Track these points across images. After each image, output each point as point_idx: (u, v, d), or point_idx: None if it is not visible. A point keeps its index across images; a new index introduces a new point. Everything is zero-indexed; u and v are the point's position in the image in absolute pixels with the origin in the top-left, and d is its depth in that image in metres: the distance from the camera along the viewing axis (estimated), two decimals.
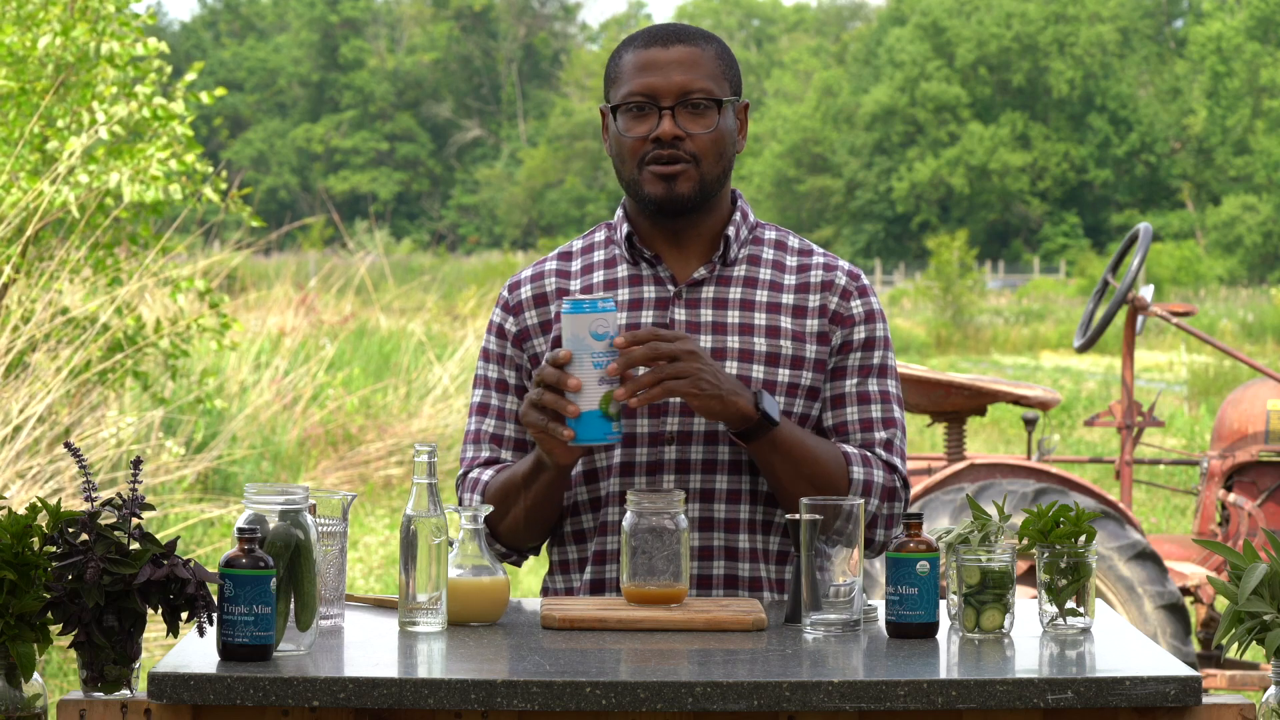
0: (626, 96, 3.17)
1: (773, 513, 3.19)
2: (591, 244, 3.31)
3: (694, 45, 3.18)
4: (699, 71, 3.16)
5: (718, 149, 3.18)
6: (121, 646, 2.60)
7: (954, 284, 32.59)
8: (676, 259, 3.24)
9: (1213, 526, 6.71)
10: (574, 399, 2.92)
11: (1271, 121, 53.41)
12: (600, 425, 2.93)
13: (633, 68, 3.18)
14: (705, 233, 3.24)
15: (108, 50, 8.26)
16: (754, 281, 3.23)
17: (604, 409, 2.93)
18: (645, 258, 3.23)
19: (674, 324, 3.19)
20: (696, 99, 3.16)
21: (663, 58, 3.17)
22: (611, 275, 3.25)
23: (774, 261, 3.26)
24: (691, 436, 3.16)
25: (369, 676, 2.52)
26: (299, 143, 69.05)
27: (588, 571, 3.21)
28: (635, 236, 3.24)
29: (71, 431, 8.19)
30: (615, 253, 3.27)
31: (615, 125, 3.19)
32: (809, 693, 2.50)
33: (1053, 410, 15.06)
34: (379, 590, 9.07)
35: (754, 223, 3.29)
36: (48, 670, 6.69)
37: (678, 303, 3.21)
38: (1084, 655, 2.72)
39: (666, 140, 3.15)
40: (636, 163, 3.17)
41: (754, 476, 3.17)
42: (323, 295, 16.14)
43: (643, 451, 3.16)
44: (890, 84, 59.21)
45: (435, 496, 2.83)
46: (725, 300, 3.21)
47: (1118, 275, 7.04)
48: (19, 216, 7.86)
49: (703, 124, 3.16)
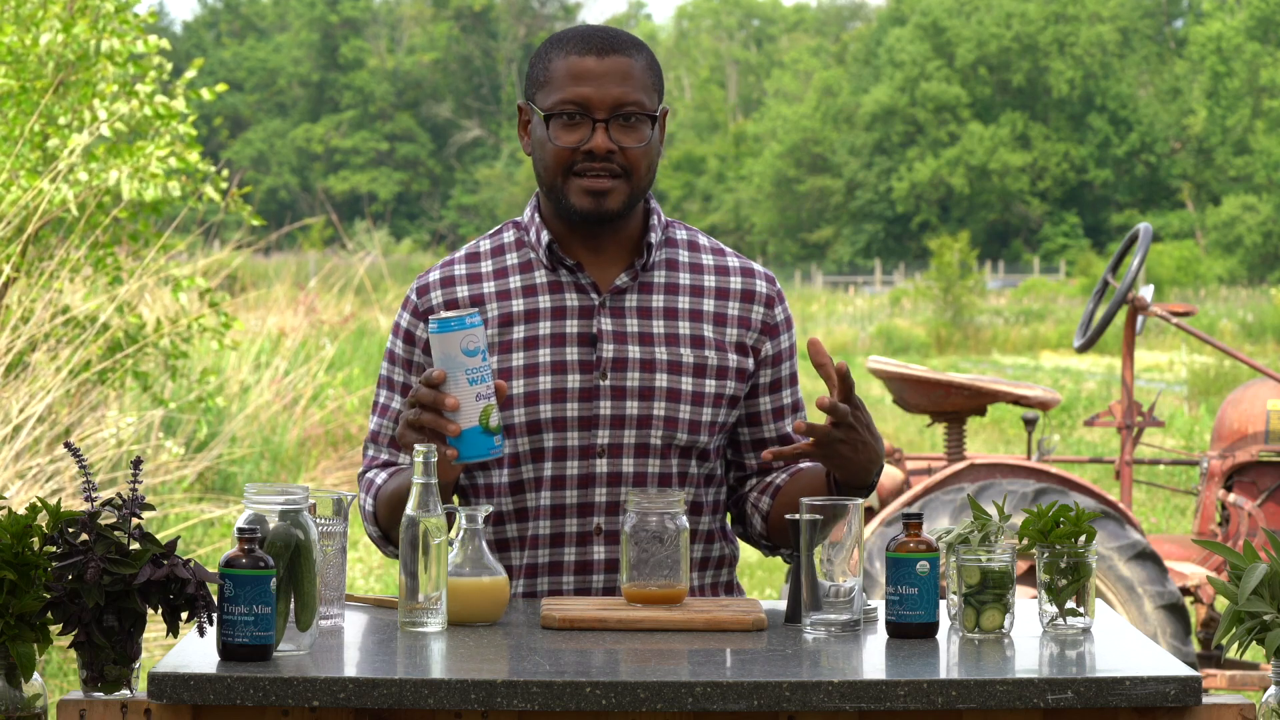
0: (559, 105, 3.12)
1: (697, 521, 3.20)
2: (501, 245, 3.26)
3: (628, 56, 3.14)
4: (632, 84, 3.12)
5: (648, 160, 3.15)
6: (121, 646, 2.60)
7: (954, 284, 32.58)
8: (596, 266, 3.21)
9: (1213, 526, 6.70)
10: (453, 417, 2.88)
11: (1271, 121, 53.41)
12: (482, 441, 2.89)
13: (565, 74, 3.13)
14: (624, 240, 3.21)
15: (108, 48, 8.26)
16: (675, 288, 3.21)
17: (484, 424, 2.89)
18: (566, 265, 3.19)
19: (601, 334, 3.16)
20: (630, 112, 3.12)
21: (597, 68, 3.12)
22: (529, 281, 3.20)
23: (690, 264, 3.24)
24: (622, 450, 3.15)
25: (369, 677, 2.52)
26: (299, 143, 69.05)
27: (520, 584, 3.18)
28: (555, 244, 3.20)
29: (71, 431, 8.19)
30: (530, 256, 3.22)
31: (543, 130, 3.14)
32: (809, 693, 2.50)
33: (1053, 410, 15.06)
34: (379, 590, 9.07)
35: (665, 222, 3.27)
36: (48, 670, 6.69)
37: (602, 312, 3.18)
38: (1084, 655, 2.72)
39: (600, 154, 3.11)
40: (562, 171, 3.13)
41: (681, 488, 3.17)
42: (323, 295, 16.14)
43: (573, 465, 3.14)
44: (890, 84, 59.22)
45: (435, 496, 2.83)
46: (649, 309, 3.19)
47: (1118, 275, 7.04)
48: (19, 215, 7.86)
49: (635, 137, 3.13)
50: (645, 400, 3.14)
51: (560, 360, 3.15)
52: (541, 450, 3.14)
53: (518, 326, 3.18)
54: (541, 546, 3.16)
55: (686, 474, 3.18)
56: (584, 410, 3.14)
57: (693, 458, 3.18)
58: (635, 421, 3.14)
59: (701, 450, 3.18)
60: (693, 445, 3.16)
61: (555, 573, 3.16)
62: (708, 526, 3.22)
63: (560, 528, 3.15)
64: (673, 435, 3.15)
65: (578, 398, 3.14)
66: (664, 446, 3.15)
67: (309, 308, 14.79)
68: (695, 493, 3.19)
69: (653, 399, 3.14)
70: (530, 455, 3.15)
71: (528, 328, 3.17)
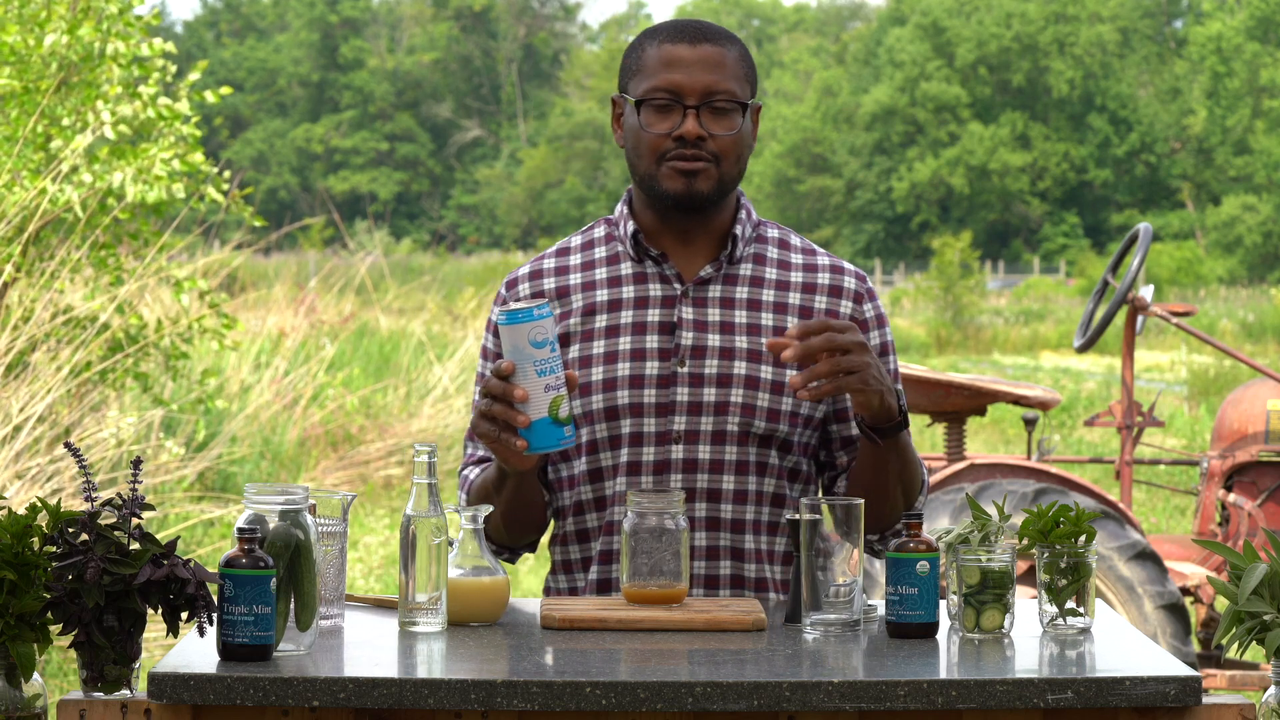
0: (650, 91, 3.15)
1: (779, 513, 3.20)
2: (592, 240, 3.30)
3: (720, 45, 3.17)
4: (724, 73, 3.15)
5: (737, 150, 3.17)
6: (121, 646, 2.60)
7: (954, 284, 32.58)
8: (682, 257, 3.24)
9: (1213, 526, 6.70)
10: (522, 409, 2.89)
11: (1271, 121, 53.40)
12: (552, 432, 2.90)
13: (658, 62, 3.16)
14: (713, 231, 3.24)
15: (112, 50, 8.26)
16: (760, 281, 3.23)
17: (553, 415, 2.89)
18: (651, 255, 3.23)
19: (682, 322, 3.19)
20: (721, 101, 3.15)
21: (689, 56, 3.15)
22: (615, 272, 3.24)
23: (778, 261, 3.26)
24: (698, 436, 3.16)
25: (369, 676, 2.52)
26: (299, 143, 69.04)
27: (593, 571, 3.21)
28: (641, 234, 3.24)
29: (71, 431, 8.19)
30: (618, 249, 3.26)
31: (635, 118, 3.17)
32: (809, 693, 2.50)
33: (1053, 410, 15.06)
34: (379, 590, 9.07)
35: (757, 221, 3.29)
36: (48, 670, 6.69)
37: (685, 301, 3.21)
38: (1084, 655, 2.72)
39: (690, 140, 3.14)
40: (655, 158, 3.16)
41: (760, 477, 3.18)
42: (323, 295, 16.14)
43: (649, 451, 3.16)
44: (890, 84, 59.21)
45: (435, 496, 2.83)
46: (732, 300, 3.21)
47: (1118, 275, 7.04)
48: (20, 215, 7.86)
49: (725, 125, 3.15)
50: (723, 387, 3.16)
51: (640, 348, 3.18)
52: (619, 437, 3.17)
53: (601, 315, 3.21)
54: (618, 533, 3.17)
55: (766, 464, 3.17)
56: (661, 397, 3.17)
57: (773, 448, 3.17)
58: (712, 408, 3.16)
59: (783, 441, 3.18)
60: (772, 434, 3.16)
61: None
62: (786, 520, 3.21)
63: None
64: (750, 422, 3.15)
65: (655, 384, 3.17)
66: (741, 434, 3.16)
67: (309, 308, 14.79)
68: (777, 484, 3.19)
69: (730, 386, 3.16)
70: (608, 442, 3.18)
71: (610, 316, 3.21)
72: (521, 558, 3.37)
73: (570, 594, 3.25)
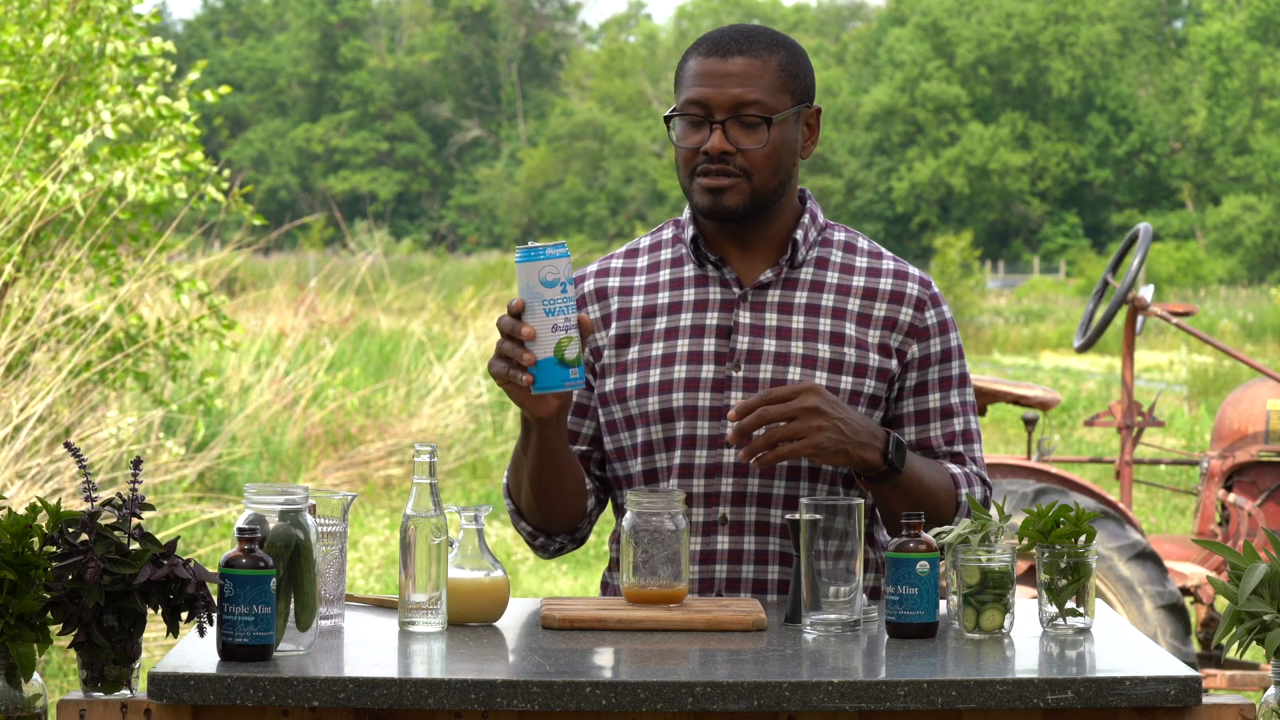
0: (683, 106, 3.16)
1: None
2: (659, 241, 3.31)
3: (755, 57, 3.14)
4: (755, 85, 3.13)
5: (772, 163, 3.15)
6: (121, 646, 2.60)
7: (955, 284, 32.58)
8: (742, 262, 3.24)
9: (1213, 526, 6.71)
10: (530, 346, 2.90)
11: (1271, 121, 53.40)
12: (557, 372, 2.90)
13: (692, 76, 3.16)
14: (772, 236, 3.23)
15: (112, 50, 8.26)
16: (820, 286, 3.22)
17: (559, 356, 2.89)
18: (711, 260, 3.23)
19: (738, 326, 3.19)
20: (750, 114, 3.13)
21: (720, 69, 3.14)
22: (678, 275, 3.25)
23: (842, 265, 3.24)
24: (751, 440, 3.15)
25: (369, 676, 2.52)
26: (299, 143, 69.03)
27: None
28: (701, 240, 3.24)
29: (71, 431, 8.19)
30: (683, 251, 3.27)
31: (672, 132, 3.19)
32: (809, 693, 2.50)
33: (1053, 410, 15.06)
34: (379, 590, 9.07)
35: (823, 224, 3.27)
36: (48, 670, 6.69)
37: (743, 305, 3.21)
38: (1084, 655, 2.72)
39: (715, 155, 3.13)
40: (689, 173, 3.18)
41: (813, 483, 3.17)
42: (323, 295, 16.14)
43: (702, 454, 3.17)
44: (890, 84, 59.21)
45: (435, 496, 2.83)
46: (790, 305, 3.21)
47: (1118, 275, 7.04)
48: (20, 215, 7.86)
49: (754, 139, 3.14)
50: None
51: (696, 351, 3.19)
52: (673, 439, 3.18)
53: (661, 318, 3.22)
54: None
55: (819, 470, 3.17)
56: (715, 400, 3.17)
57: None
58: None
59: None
60: None
61: None
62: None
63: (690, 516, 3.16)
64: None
65: (710, 388, 3.17)
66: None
67: (309, 308, 14.79)
68: (829, 490, 3.18)
69: None
70: (663, 444, 3.18)
71: (670, 319, 3.22)
72: (518, 558, 3.36)
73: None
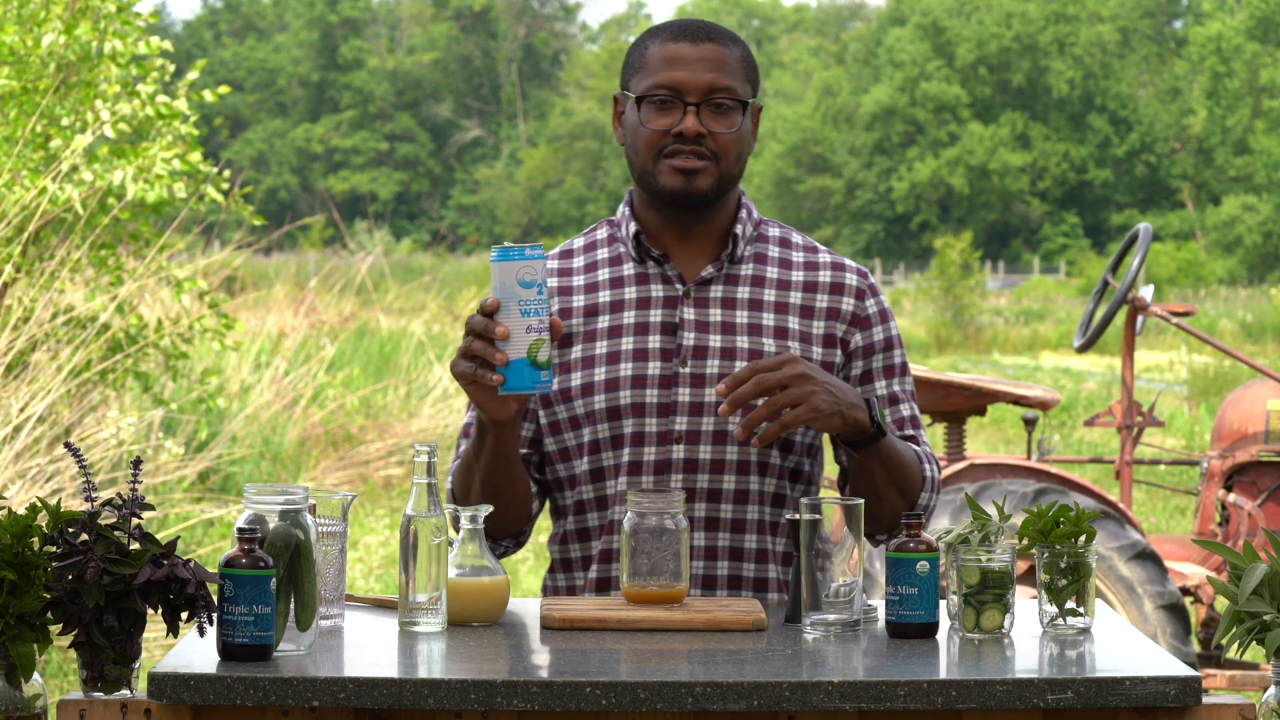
0: (652, 88, 3.17)
1: (779, 514, 3.20)
2: (594, 241, 3.31)
3: (722, 44, 3.19)
4: (726, 71, 3.17)
5: (737, 149, 3.19)
6: (121, 646, 2.60)
7: (955, 284, 32.58)
8: (684, 257, 3.24)
9: (1213, 526, 6.70)
10: (502, 347, 2.89)
11: (1271, 121, 53.40)
12: (528, 373, 2.89)
13: (660, 60, 3.18)
14: (713, 231, 3.25)
15: (110, 49, 8.26)
16: (761, 280, 3.24)
17: (532, 357, 2.89)
18: (653, 256, 3.24)
19: (683, 323, 3.20)
20: (722, 99, 3.16)
21: (691, 53, 3.17)
22: (618, 273, 3.25)
23: (780, 259, 3.27)
24: (700, 436, 3.17)
25: (369, 676, 2.52)
26: (299, 143, 69.04)
27: (593, 570, 3.21)
28: (643, 235, 3.24)
29: (71, 431, 8.19)
30: (620, 250, 3.27)
31: (635, 115, 3.19)
32: (809, 693, 2.50)
33: (1053, 410, 15.06)
34: (379, 590, 9.07)
35: (758, 219, 3.30)
36: (48, 670, 6.69)
37: (686, 302, 3.21)
38: (1084, 655, 2.72)
39: (689, 136, 3.15)
40: (654, 155, 3.17)
41: (761, 477, 3.18)
42: (323, 295, 16.14)
43: (651, 451, 3.17)
44: (890, 84, 59.21)
45: (435, 496, 2.83)
46: (734, 300, 3.22)
47: (1118, 275, 7.04)
48: (19, 215, 7.86)
49: (726, 123, 3.17)
50: None
51: (641, 348, 3.19)
52: (621, 437, 3.18)
53: (603, 316, 3.22)
54: (618, 532, 3.17)
55: (767, 464, 3.18)
56: (663, 397, 3.17)
57: (774, 447, 3.18)
58: (713, 409, 3.16)
59: (784, 441, 3.18)
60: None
61: None
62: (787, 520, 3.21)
63: None
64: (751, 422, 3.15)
65: (657, 384, 3.18)
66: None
67: (309, 308, 14.79)
68: (778, 484, 3.19)
69: None
70: (610, 442, 3.18)
71: (612, 317, 3.22)
72: (518, 558, 3.37)
73: (569, 592, 3.26)
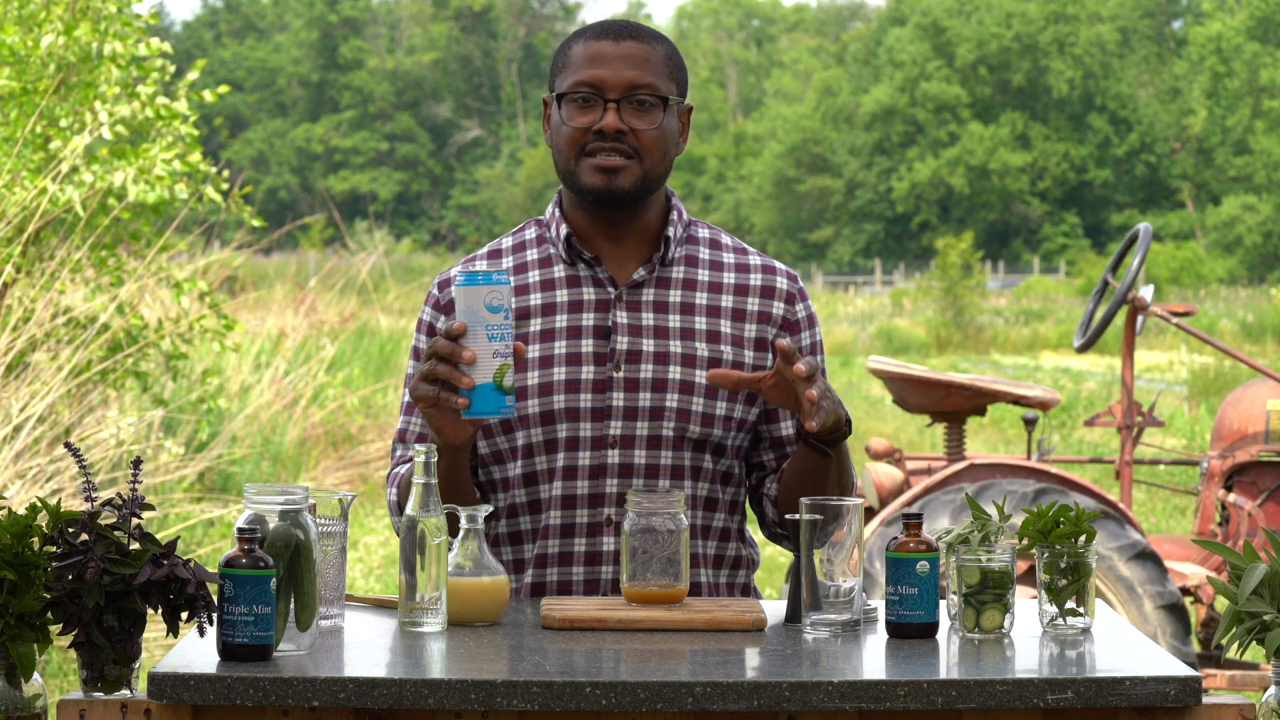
0: (573, 86, 3.16)
1: (711, 517, 3.20)
2: (523, 242, 3.29)
3: (644, 43, 3.18)
4: (647, 68, 3.16)
5: (661, 147, 3.17)
6: (121, 646, 2.60)
7: (955, 284, 32.58)
8: (614, 259, 3.23)
9: (1213, 526, 6.70)
10: (468, 371, 2.88)
11: (1271, 121, 53.39)
12: (494, 398, 2.88)
13: (581, 58, 3.17)
14: (643, 233, 3.24)
15: (110, 50, 8.26)
16: (693, 284, 3.23)
17: (498, 382, 2.88)
18: (584, 259, 3.22)
19: (616, 326, 3.18)
20: (642, 95, 3.15)
21: (612, 51, 3.16)
22: (548, 275, 3.23)
23: (710, 261, 3.26)
24: (634, 441, 3.16)
25: (369, 676, 2.52)
26: (299, 143, 69.03)
27: (528, 575, 3.19)
28: (574, 237, 3.23)
29: (71, 431, 8.19)
30: (550, 251, 3.25)
31: (558, 114, 3.18)
32: (809, 693, 2.50)
33: (1053, 410, 15.06)
34: (379, 590, 9.07)
35: (688, 221, 3.29)
36: (48, 670, 6.69)
37: (618, 305, 3.20)
38: (1084, 655, 2.72)
39: (609, 133, 3.14)
40: (576, 153, 3.16)
41: (695, 481, 3.18)
42: (323, 295, 16.14)
43: (585, 455, 3.16)
44: (890, 84, 59.21)
45: (435, 496, 2.83)
46: (665, 304, 3.21)
47: (1118, 275, 7.04)
48: (19, 216, 7.86)
49: (647, 120, 3.16)
50: (658, 392, 3.16)
51: (575, 352, 3.18)
52: (555, 441, 3.16)
53: (535, 320, 3.20)
54: (552, 537, 3.17)
55: (700, 468, 3.18)
56: (597, 401, 3.16)
57: (707, 452, 3.18)
58: (648, 414, 3.16)
59: (716, 445, 3.18)
60: (706, 439, 3.17)
61: (565, 563, 3.17)
62: (723, 524, 3.22)
63: (571, 518, 3.16)
64: (685, 428, 3.16)
65: (591, 389, 3.16)
66: (676, 439, 3.16)
67: (309, 308, 14.79)
68: (710, 489, 3.20)
69: (665, 391, 3.16)
70: (544, 446, 3.17)
71: (544, 321, 3.20)
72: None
73: None
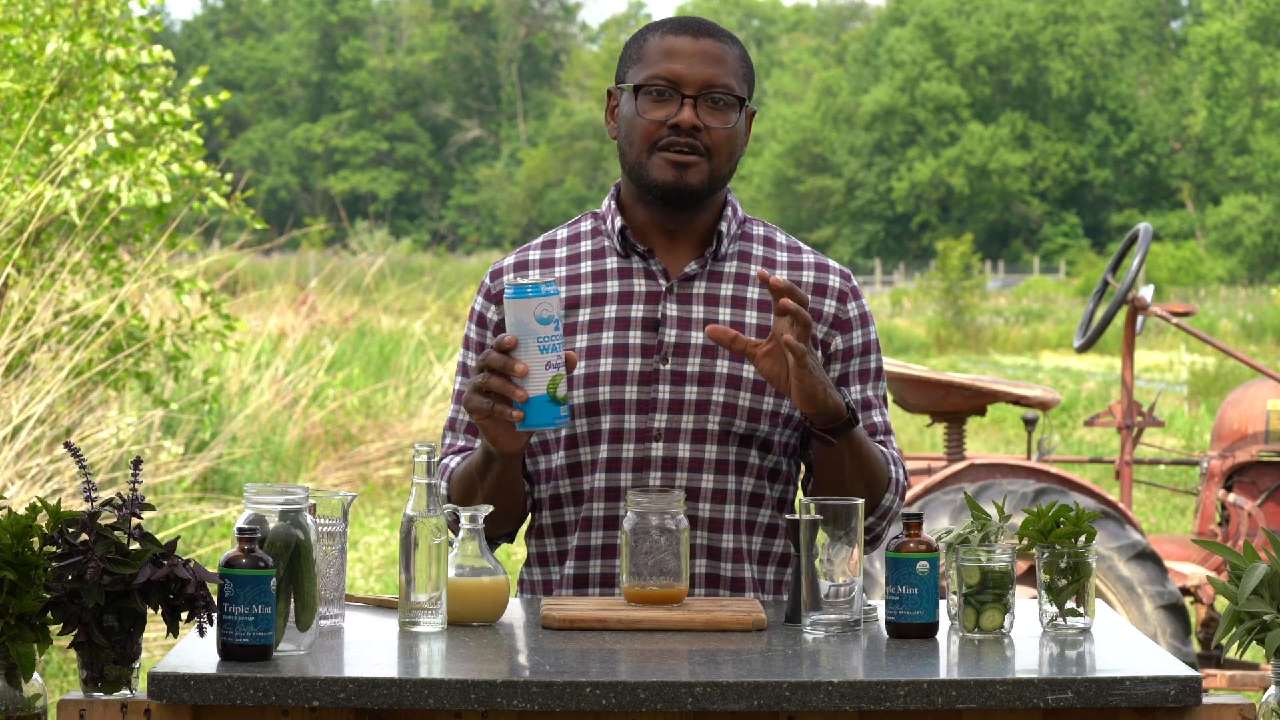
0: (650, 79, 3.16)
1: (756, 512, 3.19)
2: (578, 233, 3.29)
3: (721, 42, 3.18)
4: (724, 68, 3.16)
5: (730, 146, 3.17)
6: (121, 646, 2.60)
7: (955, 285, 32.58)
8: (668, 253, 3.23)
9: (1213, 526, 6.71)
10: (520, 384, 2.88)
11: (1271, 121, 53.39)
12: (548, 410, 2.88)
13: (659, 52, 3.17)
14: (699, 228, 3.23)
15: (113, 57, 8.26)
16: (745, 279, 3.23)
17: (551, 393, 2.88)
18: (638, 251, 3.22)
19: (665, 319, 3.18)
20: (718, 94, 3.15)
21: (690, 48, 3.16)
22: (600, 266, 3.23)
23: (764, 258, 3.25)
24: (679, 434, 3.15)
25: (369, 676, 2.52)
26: (299, 143, 69.04)
27: (569, 566, 3.20)
28: (629, 229, 3.23)
29: (71, 431, 8.19)
30: (604, 244, 3.25)
31: (631, 105, 3.17)
32: (809, 693, 2.50)
33: (1053, 410, 15.06)
34: (379, 590, 9.07)
35: (743, 218, 3.29)
36: (48, 670, 6.69)
37: (669, 297, 3.20)
38: (1084, 655, 2.72)
39: (685, 128, 3.14)
40: (648, 146, 3.16)
41: (740, 476, 3.17)
42: (323, 295, 16.14)
43: (629, 448, 3.16)
44: (890, 84, 59.21)
45: (435, 496, 2.83)
46: (716, 297, 3.21)
47: (1118, 275, 7.04)
48: (20, 217, 7.86)
49: (721, 119, 3.16)
50: (704, 386, 3.15)
51: (622, 344, 3.18)
52: (599, 432, 3.16)
53: (584, 309, 3.20)
54: (595, 529, 3.17)
55: (746, 463, 3.17)
56: (643, 394, 3.16)
57: (753, 447, 3.17)
58: (693, 406, 3.15)
59: (763, 440, 3.17)
60: (752, 434, 3.16)
61: (608, 555, 3.17)
62: (769, 520, 3.21)
63: (614, 510, 3.16)
64: (731, 422, 3.15)
65: (637, 381, 3.16)
66: (721, 433, 3.15)
67: (310, 308, 14.80)
68: (756, 484, 3.18)
69: (712, 385, 3.15)
70: (588, 437, 3.16)
71: (594, 311, 3.20)
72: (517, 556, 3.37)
73: (545, 587, 3.25)
